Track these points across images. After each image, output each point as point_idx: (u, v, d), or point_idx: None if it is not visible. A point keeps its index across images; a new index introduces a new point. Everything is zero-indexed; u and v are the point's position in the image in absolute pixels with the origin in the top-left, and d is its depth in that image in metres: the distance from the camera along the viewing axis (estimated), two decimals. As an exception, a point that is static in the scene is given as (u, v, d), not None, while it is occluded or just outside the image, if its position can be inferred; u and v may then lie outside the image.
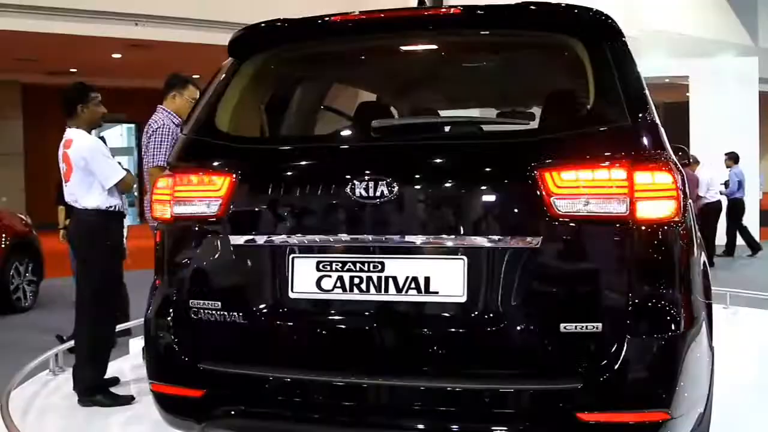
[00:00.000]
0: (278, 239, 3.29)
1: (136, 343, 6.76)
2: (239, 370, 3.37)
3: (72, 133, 5.61)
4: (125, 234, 6.16)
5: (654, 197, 3.01)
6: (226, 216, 3.37)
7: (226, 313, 3.34)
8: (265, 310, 3.31)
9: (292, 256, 3.27)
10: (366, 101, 4.62)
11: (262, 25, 3.71)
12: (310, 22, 3.66)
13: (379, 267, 3.15)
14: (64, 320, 7.73)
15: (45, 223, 13.97)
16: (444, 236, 3.11)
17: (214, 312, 3.36)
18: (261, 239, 3.32)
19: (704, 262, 3.47)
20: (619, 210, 2.98)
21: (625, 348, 2.95)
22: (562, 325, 2.94)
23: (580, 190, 3.00)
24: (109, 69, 19.86)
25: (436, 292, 3.09)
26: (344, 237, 3.21)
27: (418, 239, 3.13)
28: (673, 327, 3.02)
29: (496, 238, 3.06)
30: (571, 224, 3.00)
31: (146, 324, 3.64)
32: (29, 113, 22.87)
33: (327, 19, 3.58)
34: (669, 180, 3.02)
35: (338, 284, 3.19)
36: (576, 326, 2.94)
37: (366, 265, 3.17)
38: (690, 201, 3.31)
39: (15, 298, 10.26)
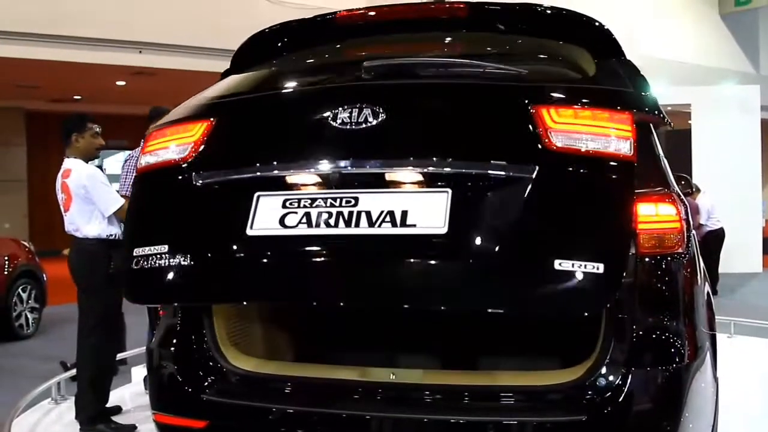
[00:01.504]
0: (243, 175, 3.09)
1: (138, 372, 6.75)
2: (243, 401, 3.36)
3: (70, 163, 5.64)
4: None
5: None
6: (194, 158, 3.21)
7: (180, 254, 3.09)
8: (219, 250, 3.08)
9: (257, 194, 3.04)
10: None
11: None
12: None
13: (353, 202, 2.91)
14: (67, 348, 7.71)
15: (48, 249, 14.01)
16: (428, 168, 2.89)
17: (166, 254, 3.11)
18: (226, 177, 3.13)
19: (708, 291, 3.47)
20: (620, 148, 2.85)
21: (629, 380, 2.94)
22: (557, 262, 2.68)
23: (579, 127, 2.86)
24: (113, 96, 19.94)
25: (414, 225, 2.82)
26: (315, 169, 2.99)
27: (398, 171, 2.92)
28: (677, 358, 3.01)
29: (486, 170, 2.88)
30: (568, 159, 2.83)
31: (149, 354, 3.64)
32: (32, 140, 22.93)
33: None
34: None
35: (303, 220, 2.93)
36: (573, 264, 2.69)
37: (338, 200, 2.93)
38: (693, 231, 3.31)
39: (17, 325, 10.25)
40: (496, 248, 2.79)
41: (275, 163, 3.08)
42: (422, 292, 2.87)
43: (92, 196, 5.49)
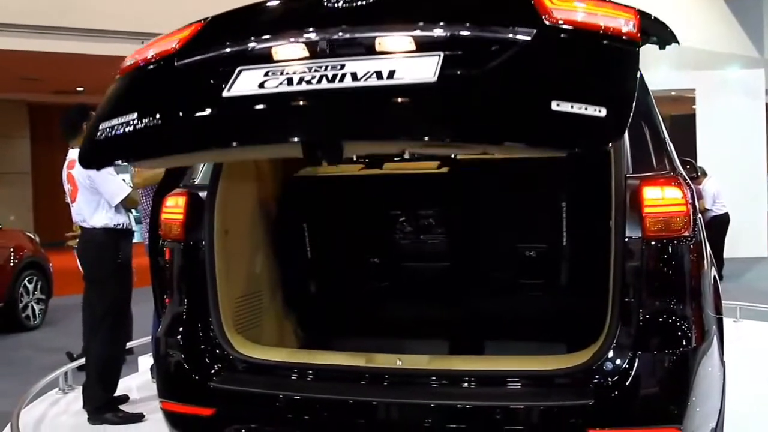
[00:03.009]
0: (224, 51, 2.96)
1: (145, 361, 6.77)
2: (250, 389, 3.37)
3: (75, 154, 5.63)
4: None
5: None
6: (180, 49, 3.08)
7: (148, 117, 2.87)
8: (189, 109, 2.92)
9: (239, 68, 2.85)
10: None
11: None
12: None
13: (338, 67, 2.72)
14: (73, 338, 7.73)
15: (53, 241, 14.02)
16: (419, 33, 2.74)
17: (134, 119, 2.90)
18: (206, 55, 3.00)
19: (714, 275, 3.47)
20: (621, 24, 2.71)
21: (636, 364, 2.94)
22: (554, 103, 2.52)
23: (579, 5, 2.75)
24: (116, 87, 19.89)
25: (401, 78, 2.63)
26: (298, 42, 2.83)
27: (388, 38, 2.75)
28: (684, 342, 3.01)
29: (481, 32, 2.75)
30: (568, 29, 2.70)
31: (156, 342, 3.65)
32: (36, 132, 22.91)
33: None
34: None
35: (284, 83, 2.74)
36: (572, 105, 2.52)
37: (323, 67, 2.74)
38: (699, 215, 3.31)
39: (24, 317, 10.27)
40: (489, 91, 2.64)
41: (256, 38, 2.92)
42: (413, 125, 2.65)
43: (98, 185, 5.49)
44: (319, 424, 3.26)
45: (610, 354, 3.00)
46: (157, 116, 2.84)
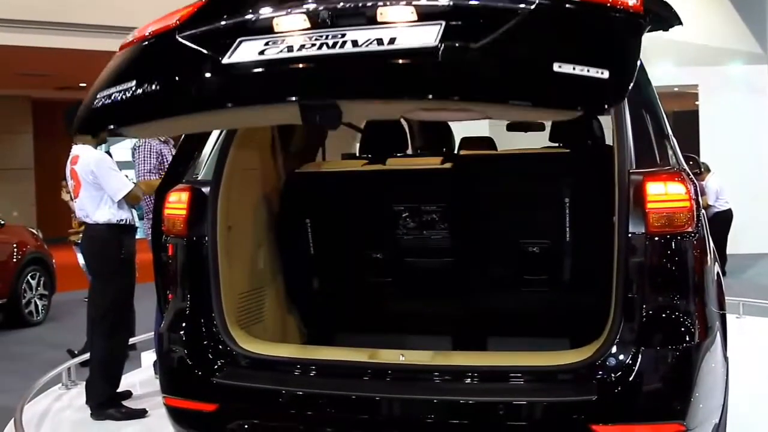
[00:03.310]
0: (224, 23, 2.95)
1: (148, 357, 6.78)
2: (252, 384, 3.37)
3: (78, 150, 5.64)
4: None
5: None
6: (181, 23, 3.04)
7: (145, 83, 2.89)
8: (187, 75, 2.93)
9: (239, 39, 2.84)
10: None
11: None
12: None
13: (339, 36, 2.71)
14: (76, 334, 7.75)
15: (55, 237, 14.02)
16: (423, 2, 2.73)
17: (132, 86, 2.92)
18: (207, 28, 2.98)
19: (717, 272, 3.46)
20: None
21: (639, 359, 2.94)
22: (556, 64, 2.50)
23: None
24: (119, 83, 19.88)
25: (403, 44, 2.63)
26: (302, 10, 2.81)
27: (392, 6, 2.73)
28: (687, 338, 3.01)
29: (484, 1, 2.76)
30: None
31: (159, 338, 3.65)
32: (39, 128, 22.92)
33: None
34: None
35: (284, 50, 2.74)
36: (574, 67, 2.51)
37: (324, 36, 2.73)
38: (703, 211, 3.30)
39: (27, 312, 10.29)
40: (492, 53, 2.61)
41: (256, 11, 2.92)
42: (414, 85, 2.64)
43: (101, 181, 5.49)
44: (322, 420, 3.26)
45: (613, 350, 3.00)
46: (154, 82, 2.85)
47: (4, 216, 11.06)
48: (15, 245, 10.31)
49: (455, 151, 4.99)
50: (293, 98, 2.69)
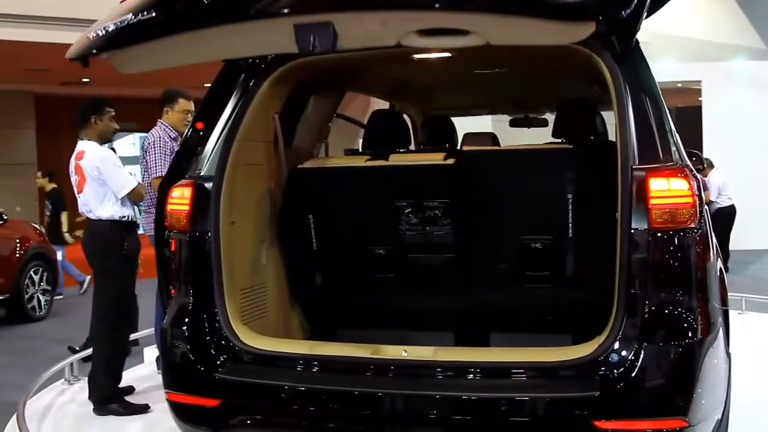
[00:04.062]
0: None
1: (151, 352, 6.79)
2: (255, 380, 3.37)
3: (84, 145, 5.66)
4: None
5: None
6: None
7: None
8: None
9: None
10: None
11: None
12: None
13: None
14: (78, 330, 7.75)
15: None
16: None
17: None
18: None
19: (720, 267, 3.46)
20: None
21: (642, 355, 2.94)
22: None
23: None
24: (122, 79, 19.81)
25: None
26: None
27: None
28: (690, 334, 3.01)
29: None
30: None
31: (162, 333, 3.65)
32: (42, 123, 22.89)
33: None
34: None
35: None
36: None
37: None
38: (706, 207, 3.30)
39: (29, 308, 10.31)
40: None
41: None
42: None
43: (105, 177, 5.51)
44: (325, 415, 3.27)
45: (616, 346, 3.00)
46: (144, 10, 2.92)
47: (6, 211, 11.07)
48: (18, 240, 10.32)
49: (458, 147, 4.99)
50: (285, 10, 2.71)
